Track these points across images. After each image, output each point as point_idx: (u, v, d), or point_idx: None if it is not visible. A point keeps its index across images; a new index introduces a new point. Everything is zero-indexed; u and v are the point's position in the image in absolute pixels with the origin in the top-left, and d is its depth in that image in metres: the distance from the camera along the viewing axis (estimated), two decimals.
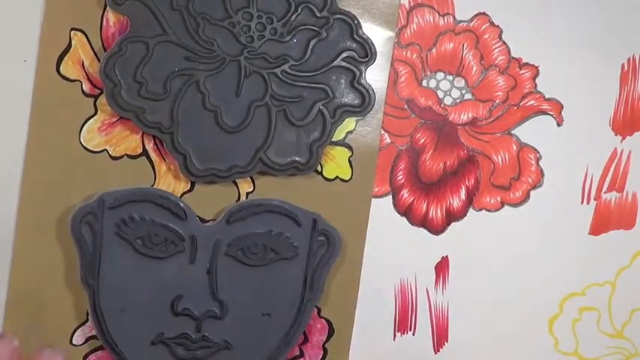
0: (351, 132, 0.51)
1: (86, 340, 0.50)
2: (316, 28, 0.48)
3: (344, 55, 0.49)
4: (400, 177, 0.52)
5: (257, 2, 0.48)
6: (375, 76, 0.51)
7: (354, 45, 0.48)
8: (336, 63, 0.49)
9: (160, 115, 0.47)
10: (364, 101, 0.49)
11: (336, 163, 0.51)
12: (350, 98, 0.49)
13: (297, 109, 0.48)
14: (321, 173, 0.50)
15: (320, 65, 0.49)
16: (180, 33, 0.47)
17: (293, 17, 0.48)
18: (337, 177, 0.51)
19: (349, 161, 0.51)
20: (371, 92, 0.49)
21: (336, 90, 0.49)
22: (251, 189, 0.50)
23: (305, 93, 0.49)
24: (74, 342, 0.50)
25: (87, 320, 0.49)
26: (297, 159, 0.49)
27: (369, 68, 0.50)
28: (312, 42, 0.48)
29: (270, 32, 0.48)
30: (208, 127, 0.48)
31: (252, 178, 0.50)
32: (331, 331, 0.52)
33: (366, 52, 0.49)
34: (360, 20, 0.49)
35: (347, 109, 0.49)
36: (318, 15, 0.48)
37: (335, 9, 0.48)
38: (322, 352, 0.52)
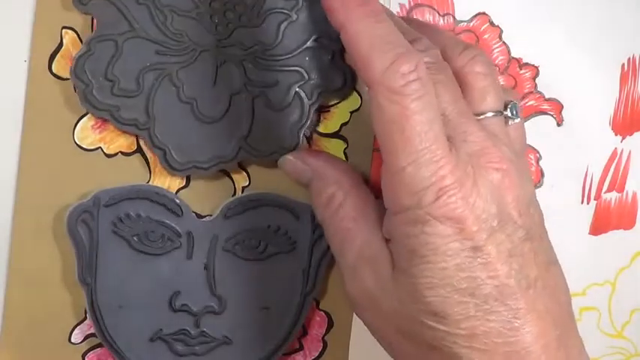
0: (345, 123, 0.51)
1: (85, 338, 0.50)
2: (286, 11, 0.48)
3: (316, 35, 0.48)
4: None
5: None
6: None
7: (327, 25, 0.48)
8: (309, 44, 0.48)
9: (136, 111, 0.47)
10: (342, 80, 0.49)
11: None
12: (326, 78, 0.49)
13: (274, 94, 0.48)
14: None
15: (293, 48, 0.48)
16: (149, 27, 0.47)
17: (262, 2, 0.48)
18: None
19: (345, 153, 0.51)
20: (348, 71, 0.49)
21: (311, 71, 0.49)
22: (247, 183, 0.50)
23: (280, 77, 0.48)
24: (73, 340, 0.50)
25: (85, 318, 0.49)
26: (278, 144, 0.49)
27: None
28: (283, 25, 0.48)
29: (240, 19, 0.48)
30: (185, 120, 0.48)
31: (247, 171, 0.50)
32: (330, 324, 0.52)
33: None
34: None
35: (324, 89, 0.49)
36: None
37: None
38: (322, 345, 0.52)
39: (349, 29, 0.41)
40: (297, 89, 0.49)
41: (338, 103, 0.50)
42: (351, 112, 0.50)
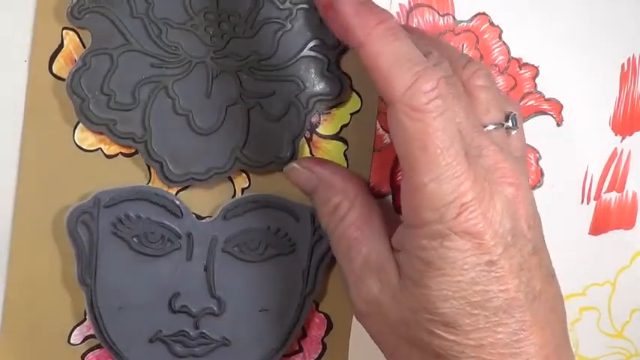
0: (345, 125, 0.50)
1: (84, 339, 0.50)
2: (280, 21, 0.48)
3: (311, 44, 0.49)
4: (400, 177, 0.52)
5: (218, 1, 0.47)
6: None
7: (322, 33, 0.48)
8: (304, 53, 0.48)
9: (132, 125, 0.47)
10: (338, 88, 0.49)
11: (331, 157, 0.50)
12: (322, 86, 0.49)
13: (269, 104, 0.48)
14: None
15: (288, 57, 0.48)
16: (144, 41, 0.47)
17: (256, 13, 0.48)
18: None
19: (345, 155, 0.51)
20: (344, 78, 0.49)
21: (306, 80, 0.49)
22: (247, 184, 0.50)
23: (276, 87, 0.48)
24: (72, 341, 0.50)
25: (85, 319, 0.49)
26: (275, 154, 0.49)
27: None
28: (278, 35, 0.48)
29: (234, 30, 0.48)
30: (182, 132, 0.48)
31: (247, 173, 0.50)
32: (330, 326, 0.52)
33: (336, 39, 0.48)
34: None
35: (320, 97, 0.49)
36: (281, 7, 0.48)
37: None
38: (321, 347, 0.52)
39: (369, 48, 0.41)
40: (293, 99, 0.49)
41: (337, 105, 0.50)
42: (352, 114, 0.50)
